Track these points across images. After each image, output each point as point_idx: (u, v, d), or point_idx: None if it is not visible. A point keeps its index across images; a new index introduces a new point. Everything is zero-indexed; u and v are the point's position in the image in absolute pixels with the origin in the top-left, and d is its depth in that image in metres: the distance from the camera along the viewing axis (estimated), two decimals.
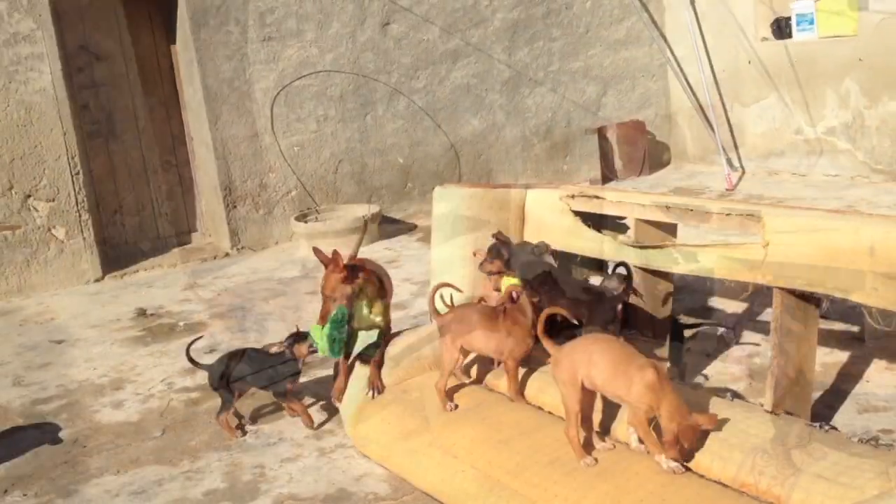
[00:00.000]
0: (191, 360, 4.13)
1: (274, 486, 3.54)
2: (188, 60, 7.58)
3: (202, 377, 4.83)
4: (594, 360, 2.99)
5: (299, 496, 3.45)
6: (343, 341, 3.76)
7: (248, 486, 3.57)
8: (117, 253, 7.73)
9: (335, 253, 3.62)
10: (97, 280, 7.22)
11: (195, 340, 4.35)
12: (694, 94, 9.12)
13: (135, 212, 7.92)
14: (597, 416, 3.24)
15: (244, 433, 4.04)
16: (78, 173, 7.09)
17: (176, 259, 7.65)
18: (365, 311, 3.74)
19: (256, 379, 4.00)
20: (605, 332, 3.54)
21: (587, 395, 3.09)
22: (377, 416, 3.72)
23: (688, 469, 2.92)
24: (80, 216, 7.12)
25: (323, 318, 3.60)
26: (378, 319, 3.79)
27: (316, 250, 3.70)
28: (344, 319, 3.70)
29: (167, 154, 8.00)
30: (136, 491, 3.65)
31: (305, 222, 7.59)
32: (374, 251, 7.35)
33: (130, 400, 4.64)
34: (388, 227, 8.02)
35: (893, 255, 2.80)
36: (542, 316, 3.24)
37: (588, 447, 3.10)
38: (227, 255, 7.70)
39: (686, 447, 2.89)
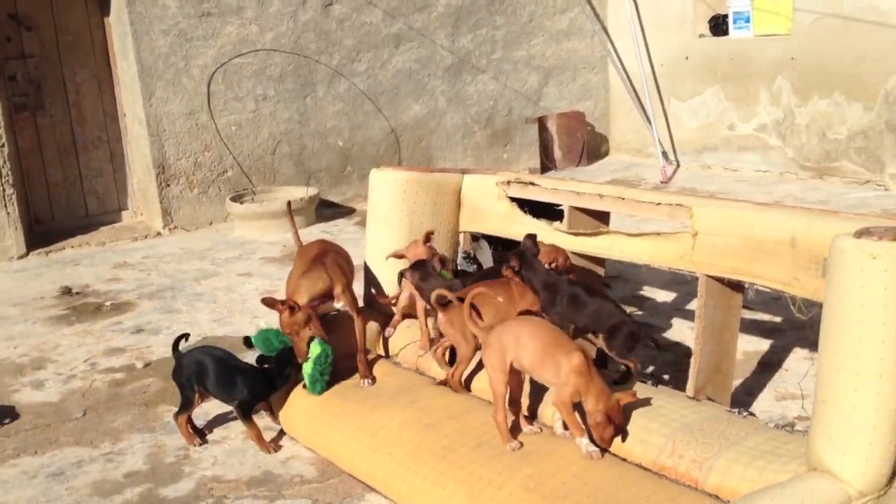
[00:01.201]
0: (175, 346, 3.74)
1: (198, 469, 3.48)
2: (122, 34, 7.37)
3: (127, 358, 4.74)
4: (523, 342, 3.00)
5: (223, 478, 3.40)
6: (325, 381, 3.63)
7: (171, 469, 3.50)
8: (43, 230, 7.50)
9: (266, 300, 3.51)
10: (21, 257, 7.00)
11: (183, 336, 3.81)
12: (633, 88, 9.24)
13: (63, 188, 7.69)
14: (524, 400, 3.26)
15: (204, 441, 3.69)
16: (3, 146, 6.85)
17: (105, 237, 7.46)
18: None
19: (223, 389, 3.60)
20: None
21: (514, 379, 3.11)
22: (306, 400, 3.68)
23: (606, 452, 2.97)
24: (3, 191, 6.88)
25: (301, 356, 3.54)
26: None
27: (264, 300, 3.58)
28: (328, 359, 3.59)
29: (98, 130, 7.78)
30: (55, 472, 3.55)
31: (241, 203, 7.47)
32: (311, 234, 7.28)
33: (52, 380, 4.51)
34: (325, 210, 7.96)
35: (814, 247, 2.87)
36: (468, 299, 3.24)
37: (515, 431, 3.12)
38: (158, 234, 7.54)
39: (618, 425, 2.93)
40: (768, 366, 4.13)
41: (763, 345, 4.35)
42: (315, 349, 3.57)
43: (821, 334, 2.57)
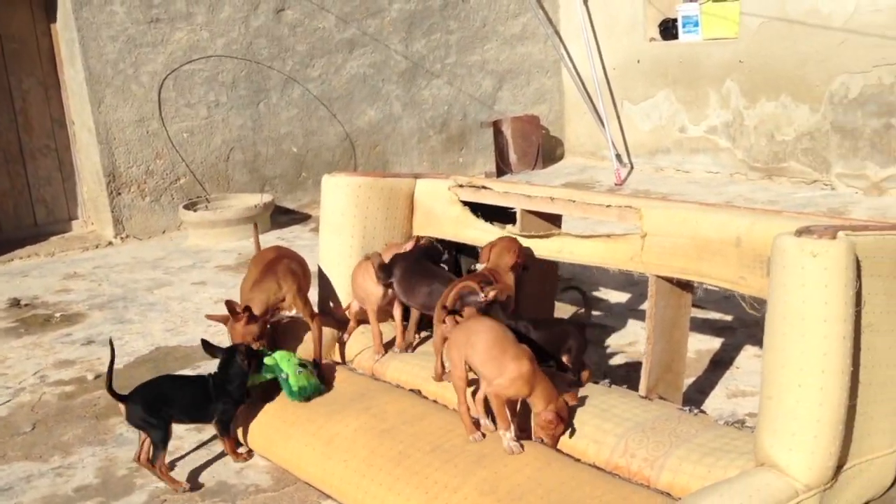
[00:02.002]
0: (110, 387, 3.33)
1: (150, 481, 3.43)
2: (69, 40, 7.25)
3: (77, 370, 4.66)
4: (472, 341, 3.03)
5: (178, 490, 3.35)
6: (294, 389, 3.48)
7: (123, 482, 3.45)
8: None
9: (228, 303, 3.52)
10: None
11: (111, 368, 3.42)
12: (586, 91, 9.33)
13: (10, 197, 7.53)
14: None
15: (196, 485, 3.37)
16: None
17: (54, 247, 7.32)
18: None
19: (188, 409, 3.38)
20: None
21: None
22: (260, 409, 3.65)
23: (523, 442, 3.04)
24: None
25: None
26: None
27: (210, 317, 3.66)
28: (273, 369, 3.49)
29: (46, 138, 7.63)
30: (3, 488, 3.47)
31: (195, 211, 7.38)
32: (266, 241, 7.21)
33: (0, 394, 4.42)
34: (281, 217, 7.90)
35: (758, 246, 2.92)
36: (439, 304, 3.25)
37: (477, 424, 3.14)
38: (110, 243, 7.42)
39: (562, 431, 3.01)
40: (720, 364, 4.19)
41: (715, 343, 4.42)
42: (283, 359, 3.52)
43: (765, 332, 2.63)
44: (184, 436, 3.79)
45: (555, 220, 4.06)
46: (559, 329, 3.50)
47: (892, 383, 2.82)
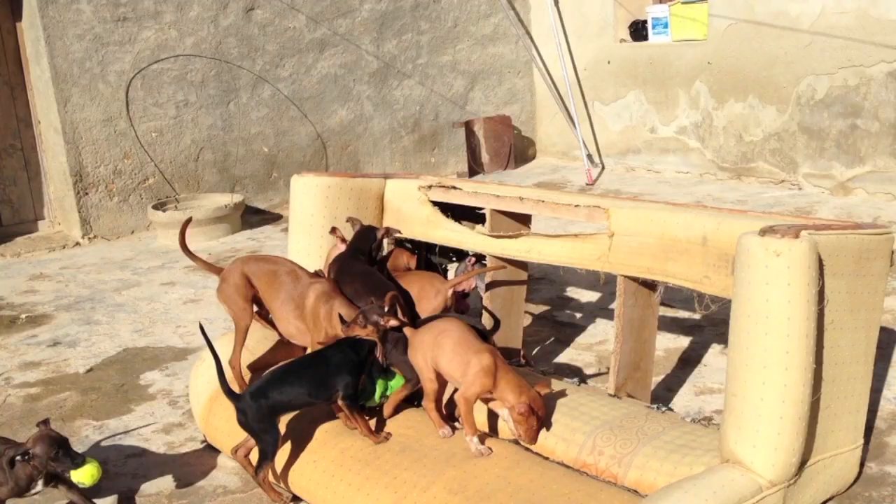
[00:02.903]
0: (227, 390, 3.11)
1: (118, 484, 3.39)
2: (35, 39, 7.15)
3: (43, 372, 4.59)
4: (439, 341, 3.03)
5: (144, 492, 3.32)
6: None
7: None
8: None
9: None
10: None
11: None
12: (558, 92, 9.38)
13: None
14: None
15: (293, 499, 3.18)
16: None
17: (20, 248, 7.21)
18: None
19: (322, 388, 3.10)
20: None
21: (441, 379, 3.13)
22: (228, 409, 3.61)
23: (492, 441, 3.01)
24: None
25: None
26: None
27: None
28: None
29: (11, 137, 7.52)
30: None
31: (164, 211, 7.32)
32: (237, 241, 7.19)
33: None
34: (252, 217, 7.86)
35: (723, 245, 2.95)
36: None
37: (446, 419, 3.14)
38: (77, 244, 7.33)
39: (541, 417, 2.97)
40: (688, 362, 4.23)
41: (683, 341, 4.46)
42: None
43: (730, 330, 2.66)
44: (151, 438, 3.76)
45: (525, 220, 4.07)
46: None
47: (855, 380, 2.87)
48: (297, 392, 3.07)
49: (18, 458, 2.88)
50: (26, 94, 7.50)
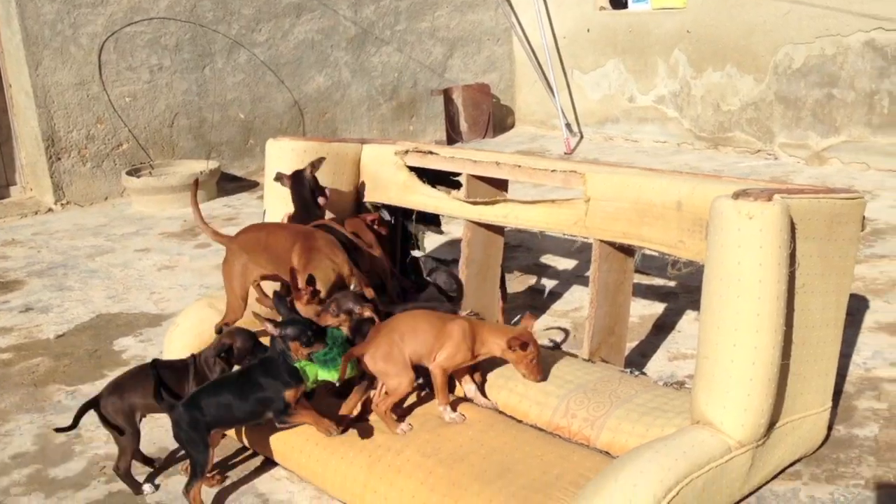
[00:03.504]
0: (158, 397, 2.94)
1: (89, 448, 3.38)
2: (5, 0, 6.99)
3: (15, 338, 4.55)
4: (412, 328, 2.99)
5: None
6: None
7: (61, 449, 3.39)
8: None
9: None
10: None
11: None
12: (537, 60, 9.33)
13: None
14: None
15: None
16: None
17: None
18: None
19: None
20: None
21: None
22: None
23: (464, 406, 3.03)
24: None
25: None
26: None
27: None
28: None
29: None
30: None
31: (138, 177, 7.23)
32: (213, 208, 7.13)
33: None
34: (227, 184, 7.78)
35: (697, 210, 2.96)
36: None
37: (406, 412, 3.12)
38: (50, 210, 7.24)
39: (536, 346, 2.98)
40: (662, 328, 4.26)
41: (658, 308, 4.49)
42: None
43: (702, 293, 2.67)
44: None
45: (502, 186, 4.06)
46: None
47: (825, 344, 2.90)
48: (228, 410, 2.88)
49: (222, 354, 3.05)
50: None
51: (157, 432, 3.47)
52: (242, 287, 3.46)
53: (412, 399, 3.16)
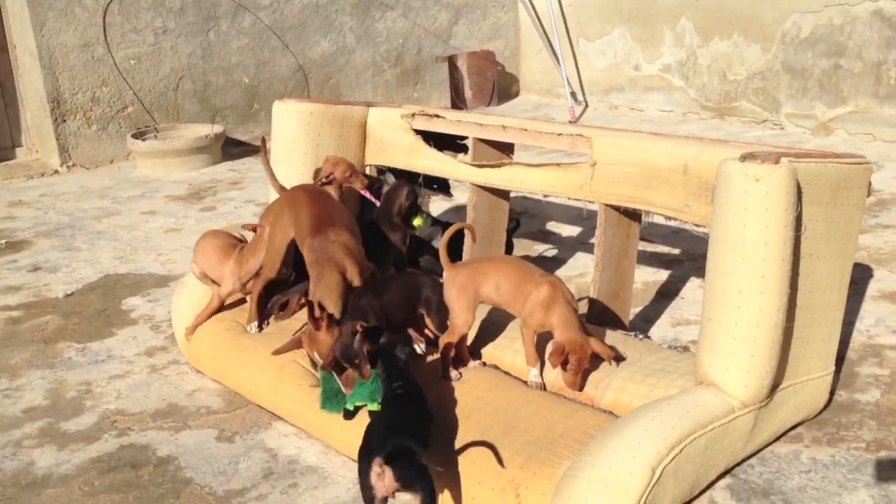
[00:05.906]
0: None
1: (100, 403, 3.43)
2: None
3: (24, 296, 4.59)
4: (494, 279, 3.01)
5: (127, 411, 3.36)
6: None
7: (72, 403, 3.44)
8: None
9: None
10: None
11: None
12: (542, 27, 9.27)
13: None
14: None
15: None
16: None
17: None
18: None
19: None
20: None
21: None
22: (212, 333, 3.65)
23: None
24: None
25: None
26: None
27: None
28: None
29: None
30: None
31: (143, 140, 7.23)
32: (218, 172, 7.14)
33: None
34: (232, 148, 7.78)
35: (704, 174, 2.98)
36: (446, 237, 3.15)
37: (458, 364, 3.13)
38: (56, 172, 7.25)
39: (580, 365, 2.86)
40: (666, 295, 4.29)
41: (662, 275, 4.52)
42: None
43: (708, 255, 2.70)
44: (134, 361, 3.79)
45: (507, 150, 4.07)
46: (413, 282, 3.29)
47: (829, 309, 2.93)
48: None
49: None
50: (1, 18, 7.31)
51: (167, 388, 3.52)
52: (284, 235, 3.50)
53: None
